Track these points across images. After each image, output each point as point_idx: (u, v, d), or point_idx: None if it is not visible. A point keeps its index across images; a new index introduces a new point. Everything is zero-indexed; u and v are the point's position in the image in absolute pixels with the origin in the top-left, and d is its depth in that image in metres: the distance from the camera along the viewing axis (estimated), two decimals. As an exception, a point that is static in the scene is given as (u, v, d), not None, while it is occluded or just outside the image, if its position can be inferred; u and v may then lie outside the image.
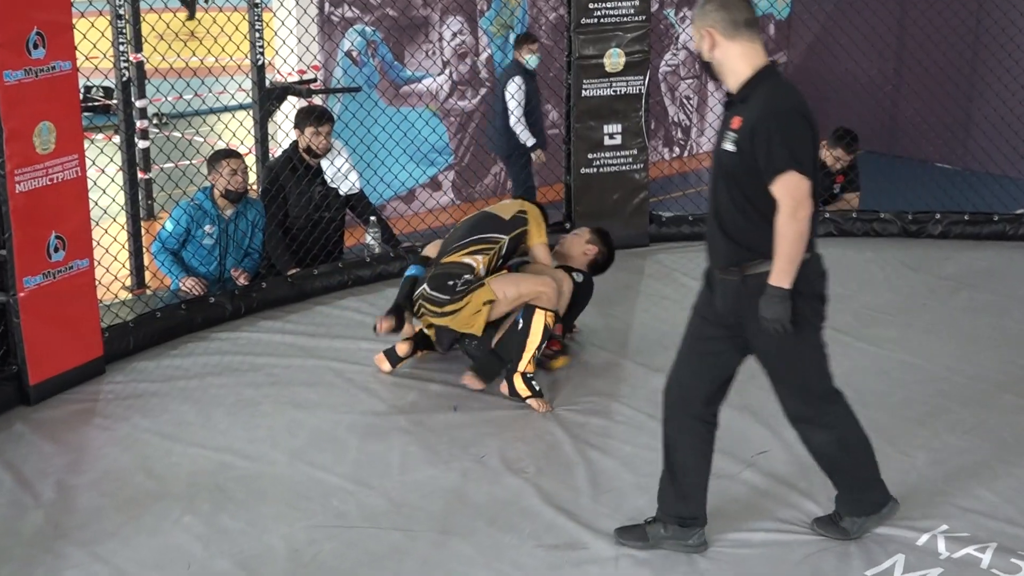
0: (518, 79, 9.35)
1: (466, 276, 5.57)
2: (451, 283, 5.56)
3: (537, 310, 5.49)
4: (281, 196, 7.14)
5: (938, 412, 5.38)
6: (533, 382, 5.49)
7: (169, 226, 6.79)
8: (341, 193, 7.29)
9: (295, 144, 7.26)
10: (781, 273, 3.90)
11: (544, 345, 5.55)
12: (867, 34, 9.84)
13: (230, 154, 6.84)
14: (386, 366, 5.83)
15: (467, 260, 5.62)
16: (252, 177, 7.33)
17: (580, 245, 6.12)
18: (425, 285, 5.64)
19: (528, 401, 5.46)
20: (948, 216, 8.16)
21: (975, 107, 11.00)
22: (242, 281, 6.88)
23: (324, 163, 7.25)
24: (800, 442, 5.02)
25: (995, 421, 5.28)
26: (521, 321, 5.51)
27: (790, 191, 3.83)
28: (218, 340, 6.35)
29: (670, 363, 5.79)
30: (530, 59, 9.42)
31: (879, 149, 11.49)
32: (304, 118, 7.17)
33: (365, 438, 5.17)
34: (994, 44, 9.57)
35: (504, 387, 5.53)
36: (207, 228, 6.78)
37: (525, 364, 5.49)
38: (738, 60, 3.97)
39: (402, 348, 5.83)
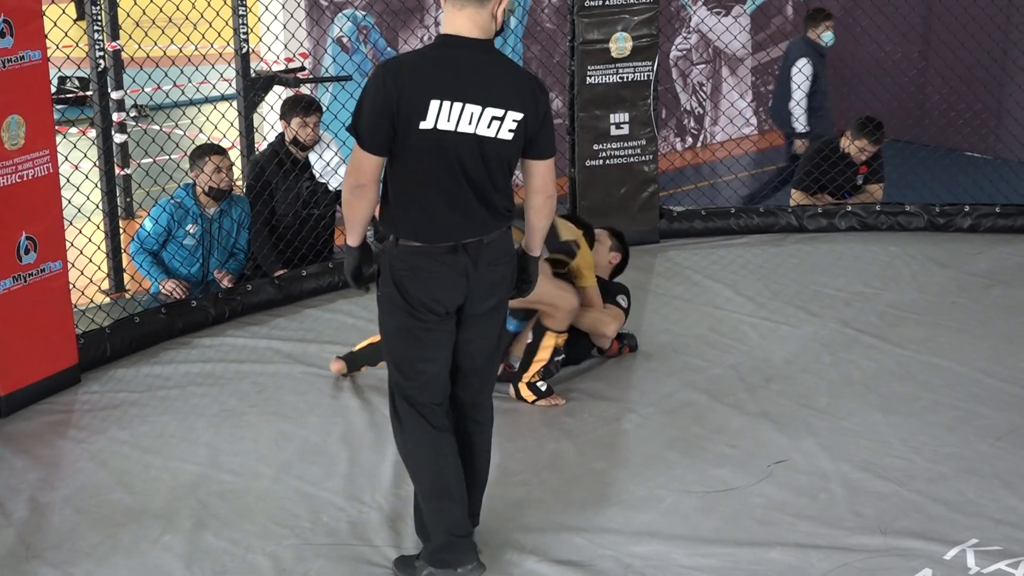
0: (804, 60, 9.14)
1: None
2: None
3: (548, 333, 5.58)
4: (267, 192, 7.14)
5: (969, 417, 5.37)
6: (538, 384, 5.58)
7: (148, 225, 6.79)
8: (331, 188, 7.29)
9: (281, 136, 7.26)
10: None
11: (557, 359, 5.65)
12: (891, 15, 9.80)
13: (213, 150, 6.84)
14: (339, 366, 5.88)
15: None
16: (237, 173, 7.33)
17: (605, 254, 6.19)
18: None
19: (537, 404, 5.55)
20: (978, 208, 8.15)
21: (1007, 92, 10.96)
22: (226, 283, 6.88)
23: (312, 156, 7.25)
24: (823, 451, 5.03)
25: (1029, 427, 5.27)
26: (532, 337, 5.61)
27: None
28: (200, 347, 6.35)
29: (682, 367, 5.81)
30: (825, 36, 9.19)
31: (904, 137, 11.45)
32: (290, 108, 7.17)
33: (357, 450, 5.17)
34: (1026, 25, 9.56)
35: (512, 392, 5.64)
36: (189, 228, 6.78)
37: (530, 376, 5.61)
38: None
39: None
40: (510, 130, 3.95)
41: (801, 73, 9.11)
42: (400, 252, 4.06)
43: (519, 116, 3.95)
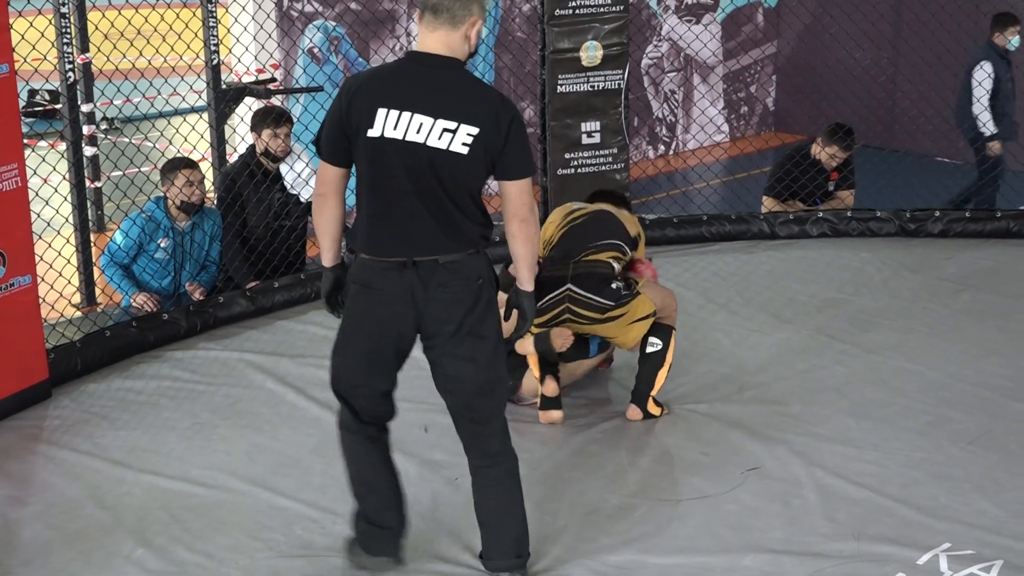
0: (988, 64, 9.17)
1: (618, 280, 5.45)
2: (614, 286, 5.39)
3: (673, 332, 5.51)
4: (239, 204, 7.13)
5: (940, 422, 5.40)
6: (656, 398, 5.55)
7: (119, 239, 6.77)
8: (302, 200, 7.29)
9: (252, 148, 7.26)
10: None
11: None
12: (860, 22, 9.87)
13: (185, 163, 6.82)
14: None
15: (612, 263, 5.49)
16: (208, 186, 7.32)
17: None
18: (571, 286, 5.39)
19: (661, 416, 5.52)
20: (949, 214, 8.21)
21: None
22: (198, 296, 6.86)
23: (283, 168, 7.24)
24: (796, 458, 5.05)
25: (1001, 431, 5.30)
26: (660, 343, 5.45)
27: None
28: (172, 360, 6.33)
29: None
30: (1013, 41, 9.21)
31: (875, 143, 11.52)
32: (261, 120, 7.17)
33: (331, 462, 5.14)
34: (995, 30, 9.61)
35: (636, 412, 5.48)
36: (161, 241, 6.77)
37: (658, 390, 5.50)
38: None
39: None
40: (464, 143, 3.89)
41: (983, 75, 9.17)
42: (356, 266, 4.09)
43: (474, 130, 3.89)
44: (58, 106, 8.78)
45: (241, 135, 7.89)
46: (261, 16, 8.80)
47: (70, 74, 7.69)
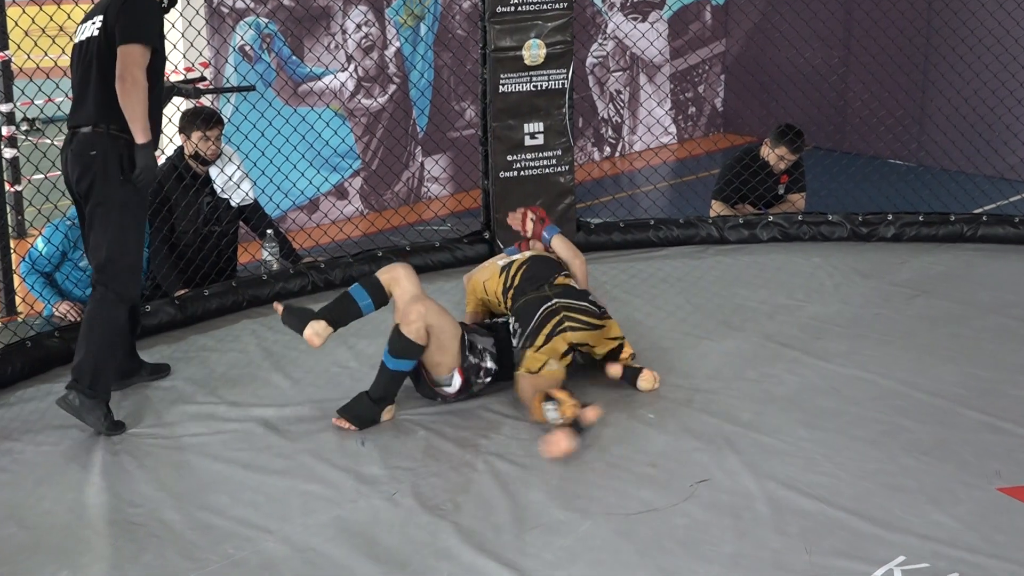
0: None
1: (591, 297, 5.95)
2: (591, 298, 5.92)
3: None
4: (167, 209, 7.08)
5: (894, 431, 5.44)
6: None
7: (40, 246, 6.70)
8: (233, 204, 7.24)
9: (180, 150, 7.21)
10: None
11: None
12: (811, 20, 9.96)
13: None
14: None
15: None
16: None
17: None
18: (562, 299, 5.79)
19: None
20: (901, 217, 8.28)
21: (929, 98, 11.18)
22: (71, 313, 6.79)
23: (213, 171, 7.20)
24: (746, 469, 5.08)
25: (956, 440, 5.34)
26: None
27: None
28: (97, 371, 6.26)
29: (601, 385, 5.83)
30: None
31: (826, 145, 11.63)
32: (190, 121, 7.13)
33: (263, 477, 5.12)
34: (947, 30, 9.74)
35: (616, 368, 5.87)
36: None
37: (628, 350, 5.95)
38: None
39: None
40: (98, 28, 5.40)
41: None
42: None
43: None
44: (-24, 106, 8.68)
45: (168, 136, 7.83)
46: (190, 12, 8.72)
47: (-12, 72, 7.61)
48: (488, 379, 5.73)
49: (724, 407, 5.69)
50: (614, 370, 5.85)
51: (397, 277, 5.63)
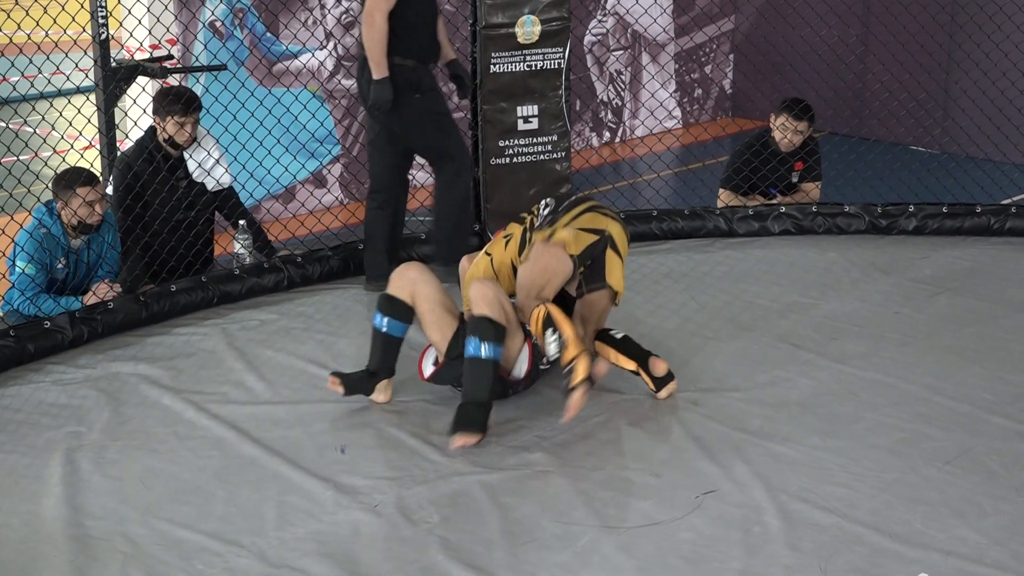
0: None
1: None
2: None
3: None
4: (141, 204, 7.13)
5: (915, 439, 5.45)
6: None
7: (22, 265, 6.65)
8: (208, 189, 7.29)
9: (151, 132, 7.24)
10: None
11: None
12: (826, -4, 9.97)
13: (81, 179, 6.70)
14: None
15: None
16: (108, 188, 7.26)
17: None
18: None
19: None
20: (924, 208, 8.28)
21: (953, 80, 11.18)
22: (112, 293, 6.80)
23: (186, 154, 7.25)
24: (756, 480, 5.09)
25: (982, 449, 5.36)
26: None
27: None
28: (55, 373, 6.28)
29: (600, 389, 5.84)
30: None
31: (843, 130, 11.63)
32: (167, 105, 7.15)
33: (235, 488, 5.12)
34: (974, 7, 9.74)
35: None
36: (60, 261, 6.73)
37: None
38: None
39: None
40: None
41: None
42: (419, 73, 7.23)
43: None
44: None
45: (133, 119, 7.82)
46: (156, -15, 8.72)
47: (-62, 50, 7.60)
48: (549, 365, 5.79)
49: (732, 413, 5.70)
50: (628, 364, 5.87)
51: (412, 279, 5.78)
